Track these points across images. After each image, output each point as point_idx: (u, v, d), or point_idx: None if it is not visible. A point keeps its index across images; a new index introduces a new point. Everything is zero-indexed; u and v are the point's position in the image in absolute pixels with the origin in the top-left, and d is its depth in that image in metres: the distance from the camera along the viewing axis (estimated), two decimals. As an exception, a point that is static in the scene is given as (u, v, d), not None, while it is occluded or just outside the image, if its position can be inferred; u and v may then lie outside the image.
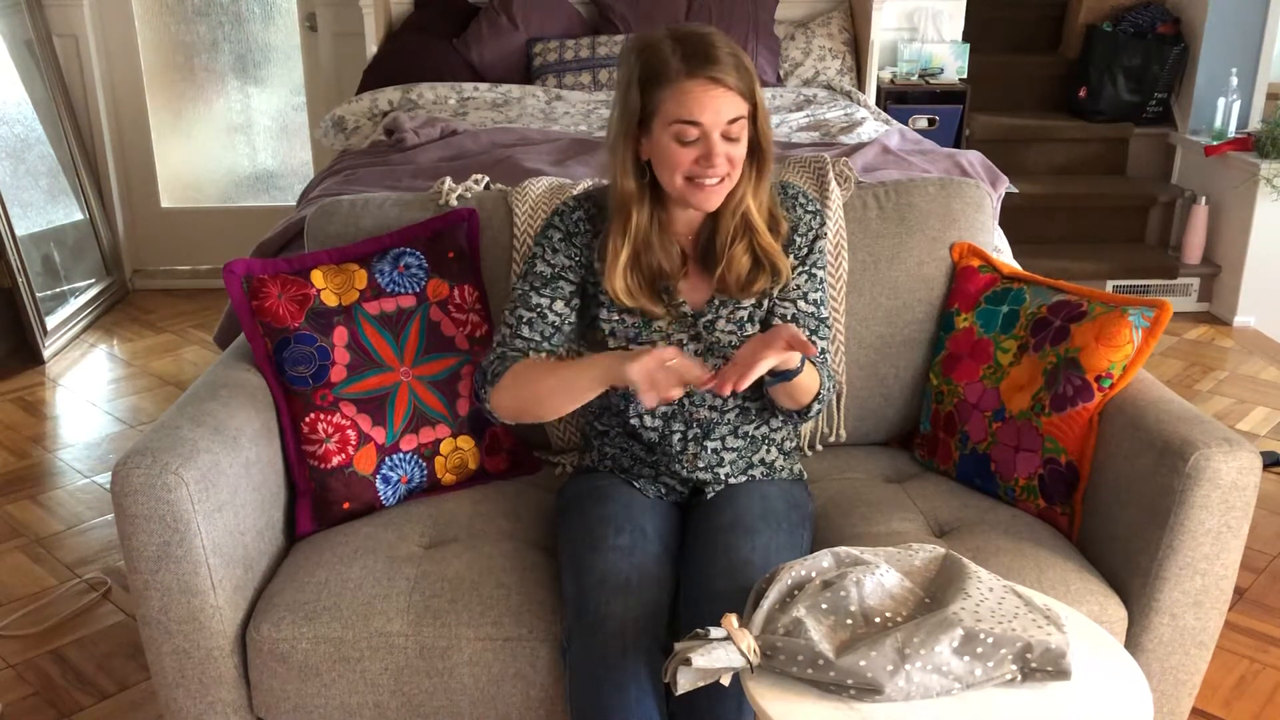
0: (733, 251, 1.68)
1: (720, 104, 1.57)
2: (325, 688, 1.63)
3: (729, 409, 1.77)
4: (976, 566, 1.37)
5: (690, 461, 1.78)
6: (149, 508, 1.54)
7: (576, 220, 1.75)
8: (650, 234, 1.68)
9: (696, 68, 1.56)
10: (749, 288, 1.71)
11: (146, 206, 4.76)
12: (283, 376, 1.82)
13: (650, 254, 1.69)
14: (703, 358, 1.74)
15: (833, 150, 3.00)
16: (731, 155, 1.60)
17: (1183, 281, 4.42)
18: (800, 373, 1.63)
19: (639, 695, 1.47)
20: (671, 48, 1.58)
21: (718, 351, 1.74)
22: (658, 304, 1.72)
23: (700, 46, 1.58)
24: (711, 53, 1.57)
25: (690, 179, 1.61)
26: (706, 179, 1.60)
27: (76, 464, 3.21)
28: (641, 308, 1.71)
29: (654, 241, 1.69)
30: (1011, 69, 4.98)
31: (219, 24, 4.67)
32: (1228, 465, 1.60)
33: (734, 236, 1.68)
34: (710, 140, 1.58)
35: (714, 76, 1.56)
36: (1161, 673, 1.71)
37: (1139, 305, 1.81)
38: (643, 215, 1.66)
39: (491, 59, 3.96)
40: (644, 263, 1.69)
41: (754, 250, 1.69)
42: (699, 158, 1.59)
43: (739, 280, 1.70)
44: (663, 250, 1.70)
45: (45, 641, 2.41)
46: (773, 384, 1.66)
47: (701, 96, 1.56)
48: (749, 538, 1.64)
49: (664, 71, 1.58)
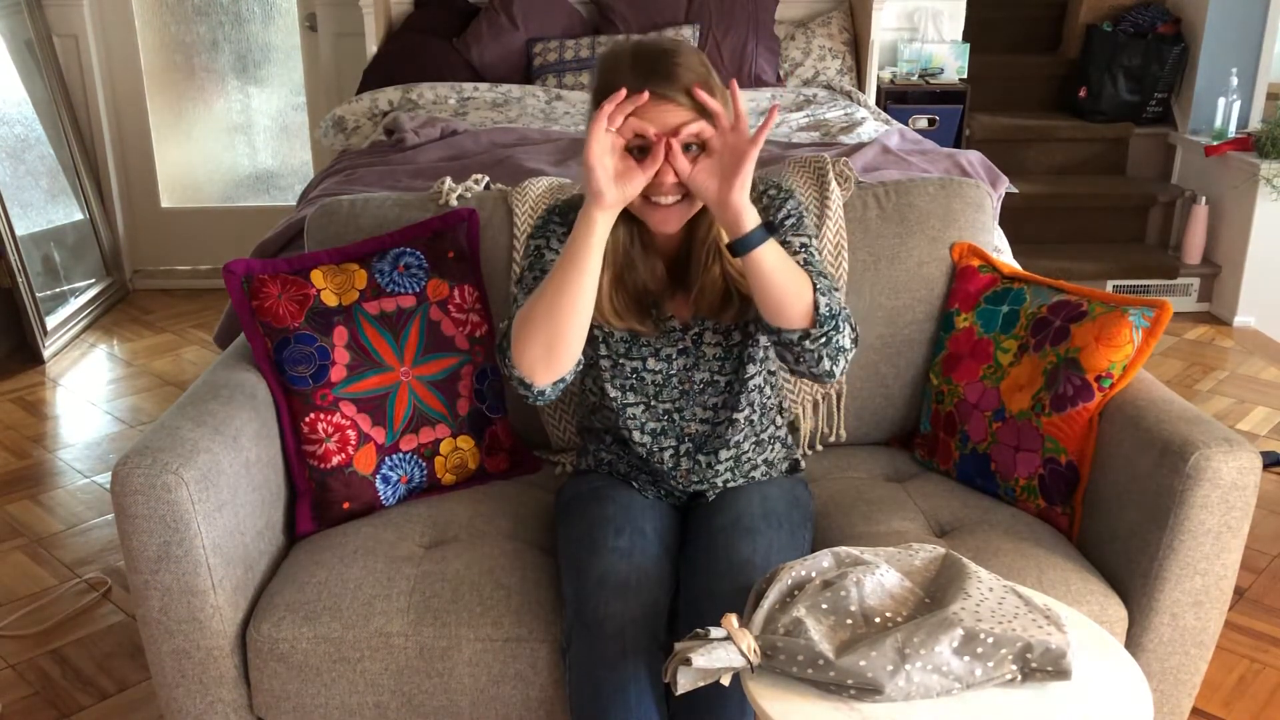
0: (707, 275, 1.65)
1: (668, 120, 1.52)
2: (325, 688, 1.63)
3: (719, 421, 1.76)
4: (976, 566, 1.37)
5: (684, 477, 1.77)
6: (149, 508, 1.54)
7: (573, 222, 1.74)
8: (632, 251, 1.66)
9: (644, 83, 1.51)
10: (722, 313, 1.68)
11: (146, 206, 4.76)
12: (283, 376, 1.82)
13: (633, 272, 1.67)
14: (691, 371, 1.74)
15: (833, 150, 3.00)
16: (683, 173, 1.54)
17: (1183, 281, 4.42)
18: (759, 243, 1.50)
19: (639, 695, 1.47)
20: (630, 62, 1.54)
21: (705, 365, 1.74)
22: (646, 321, 1.70)
23: (655, 62, 1.52)
24: (664, 69, 1.52)
25: (646, 198, 1.58)
26: (661, 199, 1.57)
27: (76, 464, 3.21)
28: (630, 327, 1.69)
29: (636, 259, 1.67)
30: (1011, 69, 4.98)
31: (219, 24, 4.67)
32: (1228, 465, 1.60)
33: (708, 260, 1.64)
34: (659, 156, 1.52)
35: (662, 94, 1.51)
36: (1161, 673, 1.71)
37: (1139, 305, 1.81)
38: (620, 232, 1.62)
39: (491, 59, 3.96)
40: (628, 281, 1.67)
41: (726, 277, 1.65)
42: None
43: (712, 307, 1.68)
44: (646, 266, 1.68)
45: (45, 641, 2.41)
46: (738, 255, 1.54)
47: (650, 109, 1.51)
48: (750, 538, 1.64)
49: (616, 86, 1.52)
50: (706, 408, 1.75)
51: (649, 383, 1.74)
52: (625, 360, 1.74)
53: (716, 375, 1.74)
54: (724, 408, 1.75)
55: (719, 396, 1.75)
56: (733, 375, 1.74)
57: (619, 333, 1.72)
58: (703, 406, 1.75)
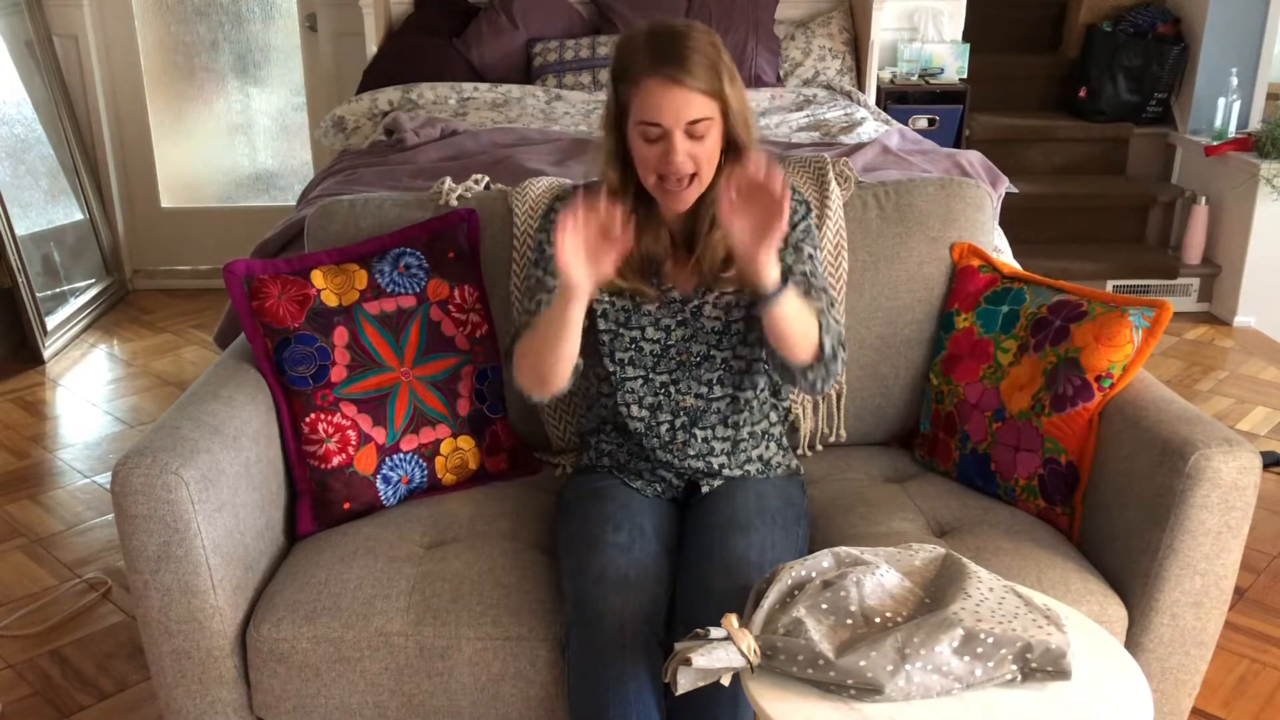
0: (708, 240, 1.70)
1: (679, 105, 1.56)
2: (325, 688, 1.63)
3: (716, 397, 1.78)
4: (976, 566, 1.37)
5: (680, 450, 1.78)
6: (149, 508, 1.54)
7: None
8: (639, 217, 1.69)
9: (659, 67, 1.56)
10: (723, 275, 1.72)
11: (146, 206, 4.76)
12: (283, 376, 1.82)
13: (638, 238, 1.69)
14: (689, 343, 1.76)
15: (833, 150, 3.00)
16: (696, 155, 1.60)
17: (1183, 281, 4.42)
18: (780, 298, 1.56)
19: (638, 692, 1.47)
20: (644, 43, 1.59)
21: (702, 338, 1.76)
22: (647, 285, 1.73)
23: (669, 45, 1.57)
24: (678, 51, 1.56)
25: (660, 178, 1.62)
26: (672, 185, 1.62)
27: (76, 464, 3.21)
28: (633, 288, 1.72)
29: (642, 225, 1.70)
30: (1011, 69, 4.97)
31: (219, 24, 4.67)
32: (1228, 465, 1.60)
33: (710, 224, 1.68)
34: (671, 140, 1.58)
35: (675, 76, 1.55)
36: (1161, 673, 1.71)
37: (1139, 305, 1.81)
38: (628, 202, 1.67)
39: (491, 59, 3.96)
40: (633, 246, 1.69)
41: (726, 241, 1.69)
42: (662, 155, 1.59)
43: (713, 267, 1.71)
44: (651, 234, 1.71)
45: (45, 641, 2.41)
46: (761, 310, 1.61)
47: (661, 97, 1.56)
48: (745, 535, 1.65)
49: (631, 68, 1.59)
50: (702, 382, 1.77)
51: (647, 353, 1.76)
52: (624, 330, 1.76)
53: (714, 350, 1.76)
54: (719, 384, 1.77)
55: (715, 373, 1.77)
56: (730, 353, 1.76)
57: (619, 301, 1.74)
58: (698, 380, 1.77)
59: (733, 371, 1.77)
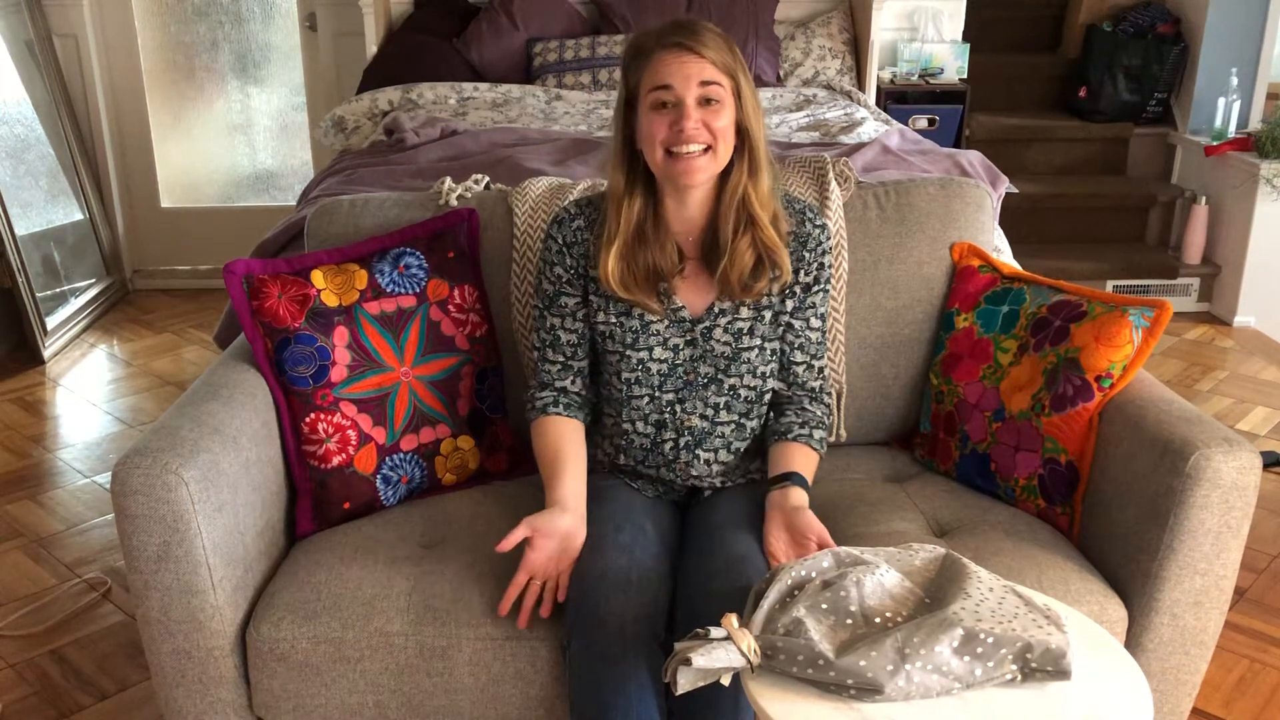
0: (736, 246, 1.67)
1: (691, 69, 1.59)
2: (325, 688, 1.63)
3: (722, 421, 1.77)
4: (976, 566, 1.37)
5: (683, 469, 1.78)
6: (149, 508, 1.54)
7: (575, 229, 1.75)
8: (645, 226, 1.68)
9: (671, 38, 1.61)
10: (752, 286, 1.70)
11: (146, 206, 4.76)
12: (283, 376, 1.82)
13: (645, 248, 1.68)
14: (697, 363, 1.74)
15: (833, 150, 3.00)
16: (710, 123, 1.60)
17: (1183, 281, 4.42)
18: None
19: (639, 692, 1.47)
20: (655, 29, 1.64)
21: (710, 360, 1.74)
22: (653, 299, 1.71)
23: (681, 25, 1.62)
24: (690, 27, 1.61)
25: (670, 151, 1.61)
26: (684, 148, 1.60)
27: (76, 464, 3.21)
28: (637, 301, 1.70)
29: (649, 235, 1.68)
30: (1011, 69, 4.98)
31: (219, 24, 4.67)
32: (1228, 465, 1.59)
33: (737, 229, 1.67)
34: (684, 105, 1.59)
35: (687, 44, 1.59)
36: (1161, 673, 1.71)
37: (1139, 305, 1.81)
38: (635, 205, 1.67)
39: (491, 59, 3.96)
40: (638, 255, 1.68)
41: (756, 245, 1.68)
42: (673, 123, 1.59)
43: (741, 277, 1.68)
44: (658, 245, 1.69)
45: (45, 641, 2.41)
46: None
47: (673, 62, 1.60)
48: (745, 535, 1.65)
49: (643, 48, 1.63)
50: (708, 405, 1.76)
51: (654, 373, 1.75)
52: (632, 352, 1.74)
53: (721, 375, 1.75)
54: (725, 409, 1.76)
55: (722, 397, 1.75)
56: (738, 380, 1.75)
57: (627, 322, 1.73)
58: (704, 402, 1.75)
59: (740, 399, 1.76)
